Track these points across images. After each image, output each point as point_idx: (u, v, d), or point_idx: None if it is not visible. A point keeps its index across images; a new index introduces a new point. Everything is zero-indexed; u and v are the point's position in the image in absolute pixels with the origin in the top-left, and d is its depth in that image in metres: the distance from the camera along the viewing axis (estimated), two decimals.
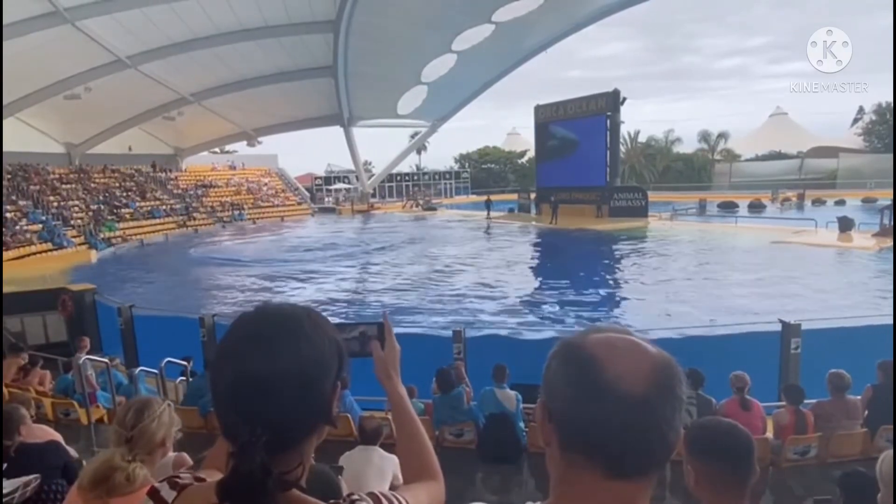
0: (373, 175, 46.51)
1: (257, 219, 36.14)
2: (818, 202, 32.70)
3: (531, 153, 45.71)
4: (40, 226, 22.94)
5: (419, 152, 53.72)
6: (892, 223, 18.24)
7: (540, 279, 16.21)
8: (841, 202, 31.30)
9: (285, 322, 0.79)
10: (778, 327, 6.96)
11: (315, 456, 0.88)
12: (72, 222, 25.29)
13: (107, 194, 30.13)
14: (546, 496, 0.76)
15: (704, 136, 52.68)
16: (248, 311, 0.81)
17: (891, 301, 10.60)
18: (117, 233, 26.63)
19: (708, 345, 6.98)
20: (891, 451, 1.40)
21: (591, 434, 0.69)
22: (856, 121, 47.79)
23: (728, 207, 31.24)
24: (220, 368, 0.76)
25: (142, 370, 7.13)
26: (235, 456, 0.71)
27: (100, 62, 22.66)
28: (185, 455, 2.52)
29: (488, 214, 30.92)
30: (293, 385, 0.74)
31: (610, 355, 0.70)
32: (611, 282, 15.41)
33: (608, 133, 27.22)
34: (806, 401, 5.07)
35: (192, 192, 35.96)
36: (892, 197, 20.40)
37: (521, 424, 5.50)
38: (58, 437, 3.36)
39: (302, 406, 0.76)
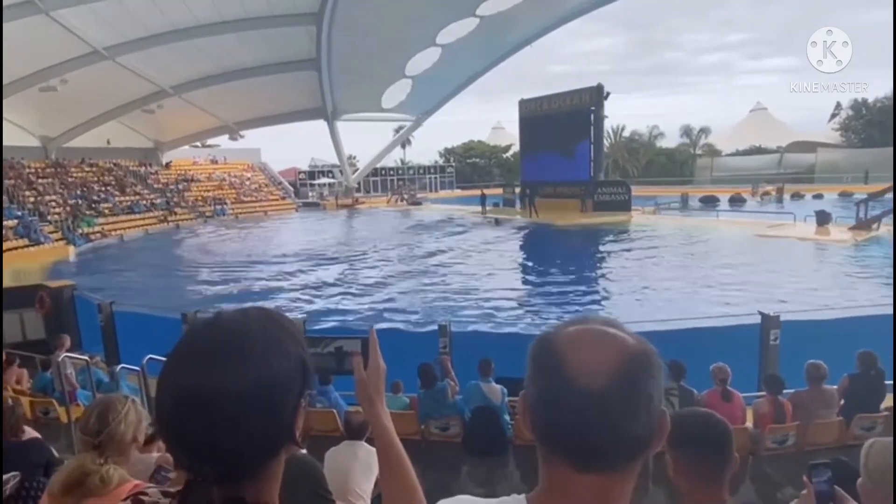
0: (357, 169, 46.26)
1: (240, 214, 35.75)
2: (797, 196, 33.28)
3: (516, 147, 45.79)
4: (16, 221, 22.45)
5: (404, 146, 53.47)
6: (892, 217, 18.59)
7: (524, 273, 16.28)
8: (819, 196, 31.89)
9: (233, 336, 0.70)
10: (758, 319, 7.08)
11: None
12: (49, 218, 24.79)
13: (85, 189, 29.56)
14: (531, 488, 0.77)
15: (686, 131, 53.33)
16: (198, 324, 0.74)
17: (857, 292, 10.89)
18: (96, 228, 26.16)
19: (689, 337, 7.07)
20: (876, 440, 1.43)
21: (554, 428, 0.69)
22: (833, 116, 48.65)
23: (710, 201, 31.65)
24: (161, 391, 0.69)
25: (123, 367, 7.03)
26: (183, 493, 0.66)
27: (76, 53, 22.17)
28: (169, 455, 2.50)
29: (483, 209, 30.04)
30: (242, 408, 0.66)
31: (574, 349, 0.69)
32: (595, 275, 15.54)
33: (592, 128, 27.37)
34: (784, 391, 5.18)
35: (173, 187, 35.45)
36: (866, 192, 20.87)
37: (507, 417, 5.54)
38: (37, 436, 3.31)
39: (254, 431, 0.68)
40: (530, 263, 17.72)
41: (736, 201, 31.68)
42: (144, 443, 1.99)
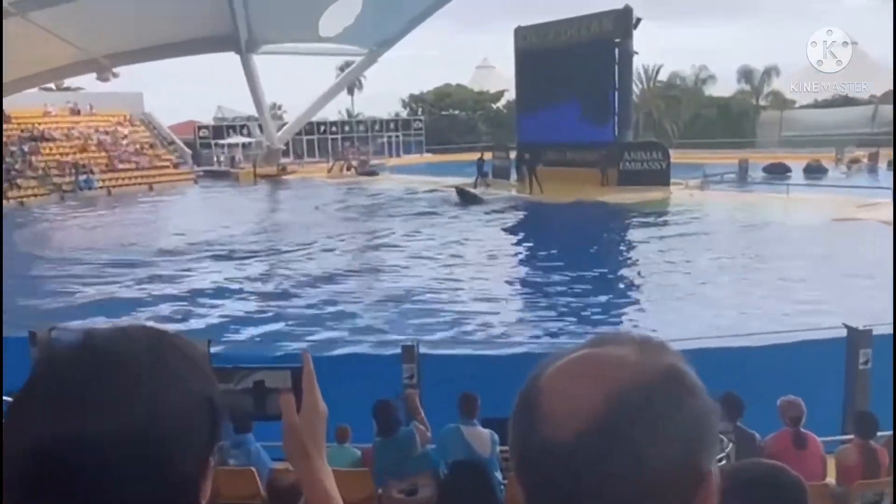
0: (284, 124, 45.82)
1: (114, 187, 35.22)
2: None
3: (510, 95, 45.87)
4: None
5: (351, 92, 53.22)
6: None
7: (520, 274, 16.42)
8: None
9: (111, 366, 0.69)
10: (842, 334, 7.23)
11: None
12: None
13: None
14: None
15: (746, 74, 54.03)
16: (58, 347, 0.73)
17: None
18: None
19: (745, 358, 7.21)
20: None
21: (523, 483, 0.71)
22: None
23: (777, 172, 32.36)
24: (10, 445, 0.66)
25: None
26: None
27: None
28: None
29: (477, 182, 29.94)
30: (124, 465, 0.65)
31: (552, 385, 0.70)
32: (618, 277, 15.75)
33: (617, 68, 27.62)
34: (879, 433, 5.32)
35: (14, 149, 34.58)
36: None
37: (499, 475, 5.58)
38: None
39: (140, 498, 0.67)
40: (529, 260, 17.86)
41: (813, 171, 32.39)
42: None
